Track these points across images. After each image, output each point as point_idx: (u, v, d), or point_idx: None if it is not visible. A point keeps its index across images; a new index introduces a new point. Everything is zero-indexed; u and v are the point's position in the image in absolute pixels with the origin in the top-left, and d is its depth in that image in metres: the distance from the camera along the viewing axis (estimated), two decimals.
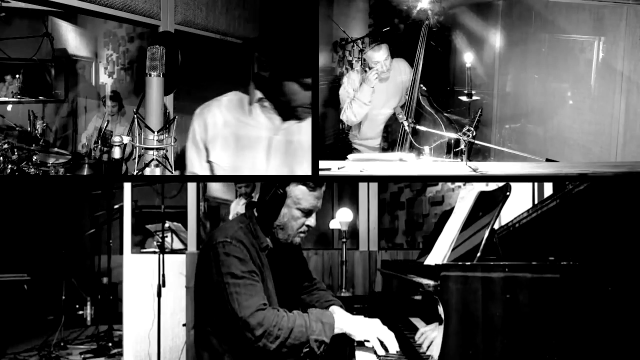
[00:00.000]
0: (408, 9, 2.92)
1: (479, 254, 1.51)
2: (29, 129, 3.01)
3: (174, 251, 3.89)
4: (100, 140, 3.10)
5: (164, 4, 2.85)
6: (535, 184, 2.61)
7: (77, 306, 5.02)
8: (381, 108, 3.03)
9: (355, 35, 3.15)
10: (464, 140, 2.52)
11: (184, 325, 3.50)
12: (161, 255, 3.35)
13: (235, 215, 3.51)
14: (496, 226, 1.79)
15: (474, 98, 2.68)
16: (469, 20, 2.99)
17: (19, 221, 4.88)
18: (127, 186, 3.77)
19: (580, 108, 2.74)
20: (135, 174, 2.40)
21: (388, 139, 3.10)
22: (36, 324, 4.76)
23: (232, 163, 2.24)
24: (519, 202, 2.46)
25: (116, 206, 4.36)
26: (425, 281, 1.49)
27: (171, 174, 2.43)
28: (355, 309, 2.70)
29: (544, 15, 2.84)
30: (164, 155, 2.38)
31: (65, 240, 5.09)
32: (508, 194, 1.60)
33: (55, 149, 2.98)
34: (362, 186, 3.54)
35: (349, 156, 2.75)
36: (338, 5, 3.18)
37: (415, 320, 1.93)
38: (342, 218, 3.22)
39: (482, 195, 1.80)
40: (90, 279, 5.30)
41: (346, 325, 1.83)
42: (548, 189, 2.54)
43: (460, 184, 3.33)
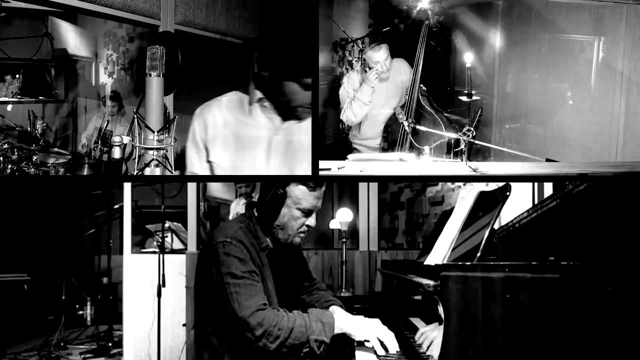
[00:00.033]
0: (408, 9, 2.92)
1: (479, 254, 1.51)
2: (29, 129, 3.01)
3: (174, 251, 3.89)
4: (100, 140, 3.10)
5: (164, 4, 2.85)
6: (535, 184, 2.61)
7: (77, 306, 5.02)
8: (381, 108, 3.03)
9: (355, 35, 3.15)
10: (464, 140, 2.52)
11: (184, 325, 3.50)
12: (161, 255, 3.35)
13: (236, 215, 3.51)
14: (496, 226, 1.79)
15: (474, 98, 2.68)
16: (469, 20, 2.99)
17: (19, 221, 4.88)
18: (127, 186, 3.77)
19: (580, 108, 2.74)
20: (135, 174, 2.40)
21: (388, 139, 3.10)
22: (36, 324, 4.76)
23: (232, 163, 2.24)
24: (519, 202, 2.46)
25: (116, 206, 4.36)
26: (425, 281, 1.49)
27: (171, 174, 2.43)
28: (355, 309, 2.70)
29: (544, 15, 2.84)
30: (164, 155, 2.38)
31: (65, 240, 5.09)
32: (508, 194, 1.60)
33: (55, 149, 2.98)
34: (362, 186, 3.54)
35: (349, 156, 2.75)
36: (338, 5, 3.18)
37: (415, 320, 1.93)
38: (342, 218, 3.22)
39: (482, 195, 1.80)
40: (90, 279, 5.30)
41: (346, 326, 1.83)
42: (548, 189, 2.54)
43: (460, 184, 3.32)
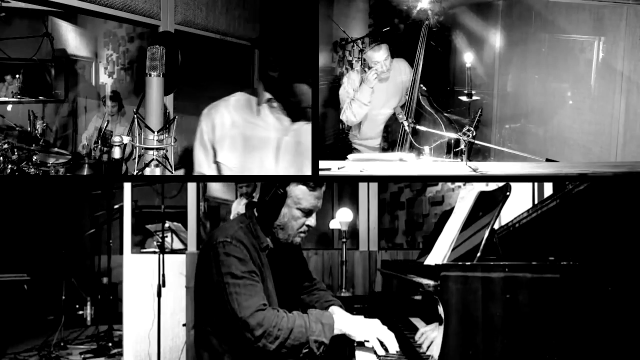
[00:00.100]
0: (408, 9, 2.92)
1: (479, 254, 1.51)
2: (29, 129, 3.01)
3: (174, 251, 3.89)
4: (100, 140, 3.10)
5: (164, 4, 2.85)
6: (535, 184, 2.61)
7: (77, 306, 5.02)
8: (381, 108, 3.03)
9: (355, 35, 3.15)
10: (464, 140, 2.52)
11: (184, 325, 3.50)
12: (161, 255, 3.35)
13: (236, 215, 3.51)
14: (496, 226, 1.79)
15: (474, 98, 2.68)
16: (469, 20, 2.99)
17: (19, 221, 4.88)
18: (127, 186, 3.77)
19: (580, 108, 2.74)
20: (135, 174, 2.40)
21: (388, 139, 3.09)
22: (36, 324, 4.76)
23: (240, 164, 2.22)
24: (519, 202, 2.46)
25: (116, 206, 4.36)
26: (425, 281, 1.49)
27: (171, 174, 2.43)
28: (355, 309, 2.70)
29: (544, 15, 2.84)
30: (164, 155, 2.38)
31: (65, 240, 5.09)
32: (508, 194, 1.60)
33: (55, 149, 2.98)
34: (362, 186, 3.54)
35: (349, 156, 2.75)
36: (338, 5, 3.18)
37: (415, 320, 1.93)
38: (342, 218, 3.22)
39: (482, 195, 1.80)
40: (90, 279, 5.30)
41: (346, 326, 1.83)
42: (548, 189, 2.54)
43: (460, 184, 3.32)
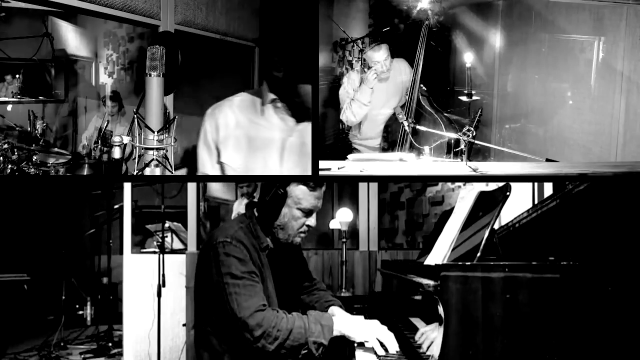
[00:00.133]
0: (408, 9, 2.92)
1: (479, 254, 1.51)
2: (29, 129, 3.01)
3: (174, 251, 3.89)
4: (100, 140, 3.10)
5: (164, 4, 2.85)
6: (535, 184, 2.61)
7: (77, 306, 5.02)
8: (381, 108, 3.03)
9: (355, 35, 3.15)
10: (464, 140, 2.52)
11: (184, 325, 3.50)
12: (161, 255, 3.34)
13: (237, 215, 3.51)
14: (496, 226, 1.79)
15: (474, 98, 2.68)
16: (469, 20, 2.99)
17: (19, 221, 4.88)
18: (127, 186, 3.77)
19: (580, 108, 2.74)
20: (135, 174, 2.40)
21: (388, 139, 3.09)
22: (36, 324, 4.76)
23: (244, 164, 2.21)
24: (519, 202, 2.46)
25: (116, 206, 4.36)
26: (425, 281, 1.49)
27: (171, 174, 2.43)
28: (355, 309, 2.70)
29: (544, 15, 2.84)
30: (164, 155, 2.38)
31: (65, 240, 5.09)
32: (508, 194, 1.60)
33: (55, 149, 2.98)
34: (362, 186, 3.54)
35: (349, 156, 2.75)
36: (338, 5, 3.18)
37: (415, 320, 1.93)
38: (342, 218, 3.22)
39: (482, 195, 1.79)
40: (90, 279, 5.30)
41: (345, 328, 1.82)
42: (548, 189, 2.54)
43: (460, 184, 3.32)
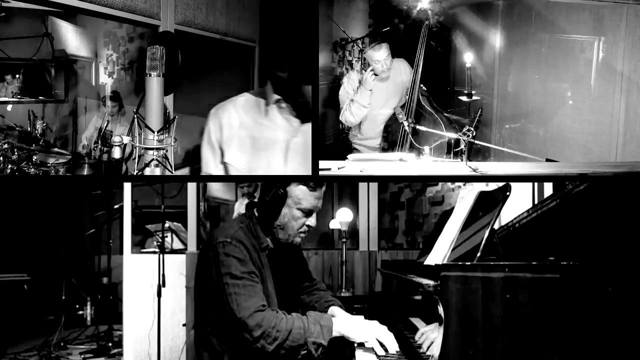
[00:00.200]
0: (408, 9, 2.92)
1: (479, 254, 1.51)
2: (29, 129, 3.01)
3: (174, 251, 3.89)
4: (100, 140, 3.10)
5: (164, 4, 2.85)
6: (535, 184, 2.61)
7: (77, 306, 5.02)
8: (381, 108, 3.03)
9: (355, 35, 3.15)
10: (464, 140, 2.52)
11: (184, 325, 3.50)
12: (161, 255, 3.34)
13: (237, 215, 3.51)
14: (496, 226, 1.79)
15: (474, 98, 2.68)
16: (469, 20, 2.99)
17: (19, 221, 4.88)
18: (127, 186, 3.77)
19: (580, 108, 2.74)
20: (135, 174, 2.40)
21: (388, 139, 3.09)
22: (36, 324, 4.76)
23: (248, 165, 2.21)
24: (519, 202, 2.46)
25: (116, 206, 4.36)
26: (425, 281, 1.49)
27: (171, 174, 2.43)
28: (355, 309, 2.70)
29: (544, 15, 2.84)
30: (164, 155, 2.38)
31: (65, 240, 5.09)
32: (508, 194, 1.60)
33: (55, 149, 2.98)
34: (362, 186, 3.54)
35: (349, 156, 2.75)
36: (338, 5, 3.18)
37: (415, 320, 1.93)
38: (342, 218, 3.22)
39: (482, 195, 1.80)
40: (90, 279, 5.30)
41: (344, 328, 1.82)
42: (548, 189, 2.54)
43: (460, 184, 3.32)
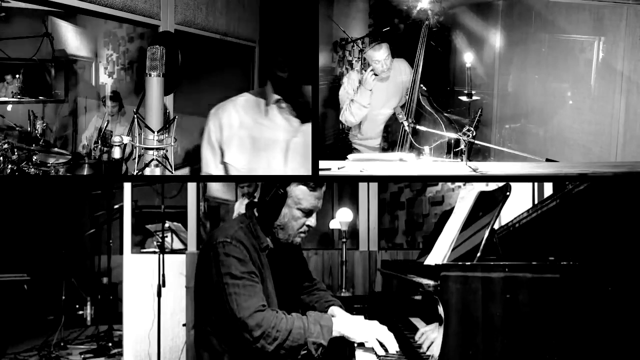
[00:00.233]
0: (408, 9, 2.92)
1: (479, 254, 1.51)
2: (29, 129, 3.01)
3: (174, 251, 3.89)
4: (100, 140, 3.10)
5: (164, 4, 2.85)
6: (535, 184, 2.61)
7: (77, 306, 5.02)
8: (381, 108, 3.03)
9: (355, 35, 3.15)
10: (464, 140, 2.52)
11: (184, 325, 3.50)
12: (161, 255, 3.34)
13: (237, 215, 3.51)
14: (496, 226, 1.79)
15: (474, 98, 2.68)
16: (469, 20, 2.99)
17: (19, 221, 4.88)
18: (127, 186, 3.77)
19: (580, 108, 2.74)
20: (135, 174, 2.40)
21: (388, 139, 3.09)
22: (36, 324, 4.76)
23: (248, 165, 2.21)
24: (519, 202, 2.46)
25: (116, 206, 4.36)
26: (425, 281, 1.49)
27: (171, 174, 2.43)
28: (355, 309, 2.70)
29: (544, 15, 2.84)
30: (164, 155, 2.38)
31: (65, 240, 5.09)
32: (508, 194, 1.60)
33: (56, 149, 2.97)
34: (362, 186, 3.54)
35: (349, 156, 2.75)
36: (338, 5, 3.18)
37: (415, 320, 1.93)
38: (342, 218, 3.22)
39: (482, 195, 1.80)
40: (90, 279, 5.30)
41: (344, 328, 1.82)
42: (548, 189, 2.54)
43: (460, 184, 3.32)
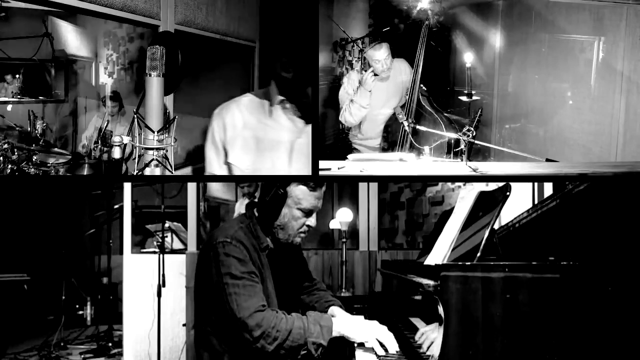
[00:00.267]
0: (408, 9, 2.92)
1: (479, 254, 1.51)
2: (29, 129, 3.01)
3: (174, 251, 3.89)
4: (100, 140, 3.10)
5: (164, 4, 2.84)
6: (535, 184, 2.61)
7: (77, 306, 5.02)
8: (381, 108, 3.03)
9: (355, 35, 3.15)
10: (464, 140, 2.52)
11: (184, 325, 3.50)
12: (161, 255, 3.34)
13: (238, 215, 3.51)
14: (496, 226, 1.79)
15: (474, 98, 2.68)
16: (469, 20, 2.99)
17: (19, 221, 4.88)
18: (127, 186, 3.77)
19: (580, 108, 2.74)
20: (135, 174, 2.40)
21: (388, 139, 3.09)
22: (36, 324, 4.76)
23: (252, 165, 2.21)
24: (519, 202, 2.46)
25: (116, 206, 4.36)
26: (425, 281, 1.49)
27: (171, 174, 2.43)
28: (355, 309, 2.70)
29: (544, 15, 2.84)
30: (164, 155, 2.38)
31: (65, 240, 5.09)
32: (508, 194, 1.60)
33: (56, 149, 2.97)
34: (362, 186, 3.54)
35: (349, 156, 2.74)
36: (338, 5, 3.18)
37: (415, 320, 1.93)
38: (342, 218, 3.22)
39: (482, 195, 1.80)
40: (90, 279, 5.30)
41: (344, 328, 1.82)
42: (548, 189, 2.54)
43: (460, 184, 3.32)
